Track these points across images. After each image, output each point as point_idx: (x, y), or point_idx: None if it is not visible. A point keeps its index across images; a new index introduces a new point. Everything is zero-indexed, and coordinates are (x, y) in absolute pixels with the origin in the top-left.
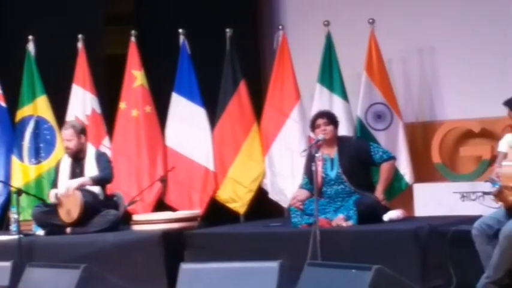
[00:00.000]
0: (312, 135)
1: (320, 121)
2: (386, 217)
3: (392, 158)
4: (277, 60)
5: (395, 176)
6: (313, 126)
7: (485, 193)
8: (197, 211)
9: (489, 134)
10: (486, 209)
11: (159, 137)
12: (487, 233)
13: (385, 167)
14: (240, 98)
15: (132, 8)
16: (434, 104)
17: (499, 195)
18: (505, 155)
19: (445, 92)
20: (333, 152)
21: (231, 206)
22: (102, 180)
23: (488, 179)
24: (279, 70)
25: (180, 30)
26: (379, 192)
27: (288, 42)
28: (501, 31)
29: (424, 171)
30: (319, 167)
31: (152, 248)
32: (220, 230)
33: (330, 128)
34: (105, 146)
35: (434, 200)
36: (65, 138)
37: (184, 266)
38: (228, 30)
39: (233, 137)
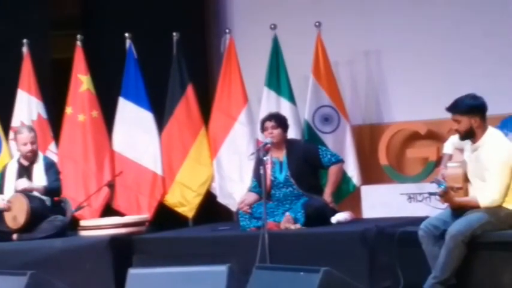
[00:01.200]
0: (260, 138)
1: (268, 124)
2: (334, 219)
3: (340, 161)
4: (224, 64)
5: (343, 178)
6: (262, 128)
7: (431, 194)
8: (145, 216)
9: (435, 136)
10: (433, 210)
11: (106, 141)
12: (434, 233)
13: (333, 170)
14: (188, 102)
15: (78, 12)
16: (381, 107)
17: (444, 196)
18: (450, 157)
19: (392, 95)
20: (281, 155)
21: (180, 210)
22: (52, 192)
23: (434, 180)
24: (227, 74)
25: (127, 34)
26: (327, 195)
27: (235, 46)
28: (445, 34)
29: (372, 173)
30: (268, 169)
31: (100, 253)
32: (169, 234)
33: (277, 131)
34: (52, 152)
35: (381, 202)
36: (27, 141)
37: (133, 271)
38: (175, 34)
39: (181, 141)
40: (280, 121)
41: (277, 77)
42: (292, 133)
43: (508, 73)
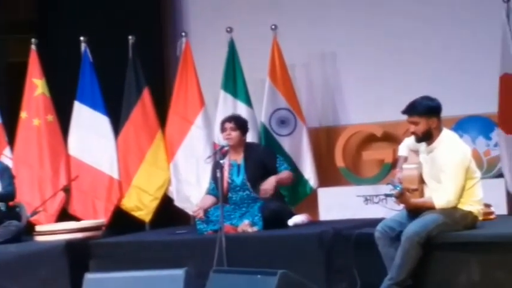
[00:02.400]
0: (217, 141)
1: (227, 125)
2: (291, 222)
3: (290, 171)
4: (180, 68)
5: (300, 180)
6: (222, 128)
7: (387, 196)
8: (102, 220)
9: (391, 138)
10: (389, 211)
11: (61, 146)
12: (390, 235)
13: (286, 172)
14: (144, 106)
15: (33, 16)
16: (337, 109)
17: (400, 197)
18: (406, 159)
19: (348, 97)
20: (239, 158)
21: (136, 214)
22: (6, 197)
23: (389, 182)
24: (183, 77)
25: (82, 38)
26: (272, 179)
27: (191, 49)
28: (400, 37)
29: (328, 176)
30: (225, 172)
31: (56, 258)
32: (126, 238)
33: (235, 133)
34: (7, 156)
35: (338, 204)
36: None
37: (89, 276)
38: (130, 37)
39: (137, 145)
40: (239, 124)
41: (234, 80)
42: (249, 136)
43: (462, 75)
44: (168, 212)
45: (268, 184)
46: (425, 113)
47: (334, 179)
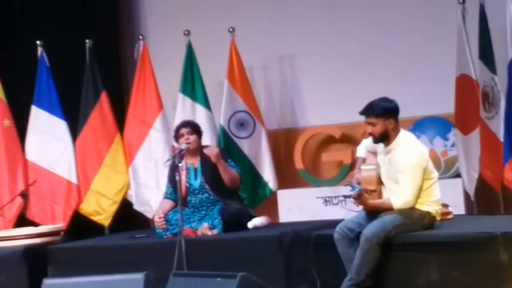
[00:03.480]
0: (176, 144)
1: (183, 130)
2: (250, 224)
3: (240, 175)
4: (138, 71)
5: (260, 183)
6: (177, 135)
7: (345, 197)
8: (60, 225)
9: (349, 139)
10: (348, 212)
11: (19, 150)
12: (349, 236)
13: (235, 172)
14: (102, 110)
15: None
16: (295, 111)
17: (359, 198)
18: (364, 160)
19: (306, 99)
20: (196, 162)
21: (95, 218)
22: None
23: (348, 183)
24: (141, 80)
25: (38, 42)
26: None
27: (149, 52)
28: (358, 38)
29: (288, 178)
30: (183, 176)
31: (14, 264)
32: (85, 243)
33: (193, 137)
34: None
35: (298, 206)
36: None
37: (48, 282)
38: (87, 41)
39: (96, 149)
40: (195, 128)
41: (192, 83)
42: (208, 139)
43: (419, 76)
44: (127, 216)
45: (218, 153)
46: (382, 114)
47: (293, 181)
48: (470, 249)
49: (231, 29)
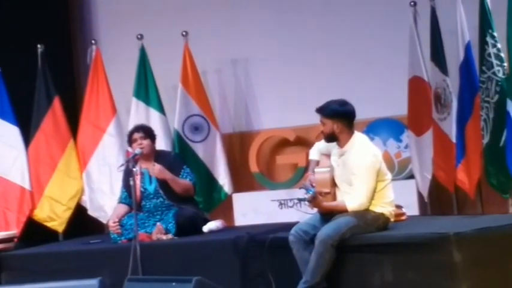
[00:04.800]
0: (130, 149)
1: (136, 135)
2: (206, 228)
3: (193, 184)
4: (91, 75)
5: (215, 186)
6: (130, 140)
7: (300, 199)
8: (13, 232)
9: (304, 142)
10: (303, 215)
11: None
12: (304, 238)
13: (187, 182)
14: (55, 115)
15: None
16: (250, 114)
17: (313, 201)
18: (317, 163)
19: (260, 102)
20: (150, 166)
21: (49, 224)
22: None
23: (302, 186)
24: (94, 85)
25: None
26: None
27: (102, 57)
28: (312, 42)
29: (243, 181)
30: (137, 180)
31: None
32: (38, 250)
33: (146, 141)
34: None
35: (253, 209)
36: None
37: None
38: (39, 46)
39: (49, 155)
40: (148, 132)
41: (146, 87)
42: (163, 143)
43: (372, 78)
44: (81, 221)
45: (160, 170)
46: (331, 116)
47: (248, 184)
48: (424, 249)
49: (184, 33)
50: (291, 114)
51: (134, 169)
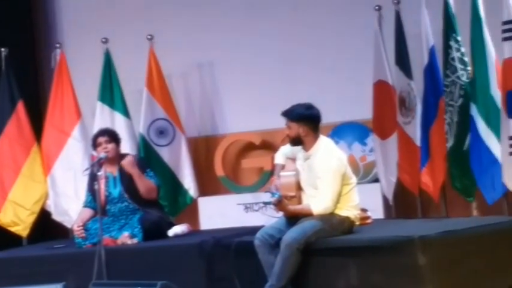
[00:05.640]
0: (94, 153)
1: (101, 139)
2: (171, 232)
3: (157, 186)
4: (55, 79)
5: (180, 190)
6: (95, 144)
7: (265, 203)
8: None
9: (269, 146)
10: (268, 219)
11: None
12: (269, 242)
13: (152, 183)
14: (19, 119)
15: None
16: (215, 118)
17: (278, 205)
18: (283, 166)
19: (226, 106)
20: (115, 170)
21: (13, 229)
22: None
23: (268, 189)
24: (58, 89)
25: None
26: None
27: (67, 60)
28: (277, 45)
29: (208, 185)
30: (102, 185)
31: None
32: (2, 255)
33: (111, 145)
34: None
35: (219, 213)
36: None
37: None
38: (3, 49)
39: (13, 159)
40: (112, 136)
41: (111, 91)
42: (128, 147)
43: (337, 82)
44: (46, 226)
45: (131, 161)
46: (296, 119)
47: (214, 188)
48: (388, 253)
49: (149, 37)
50: (257, 118)
51: (99, 173)
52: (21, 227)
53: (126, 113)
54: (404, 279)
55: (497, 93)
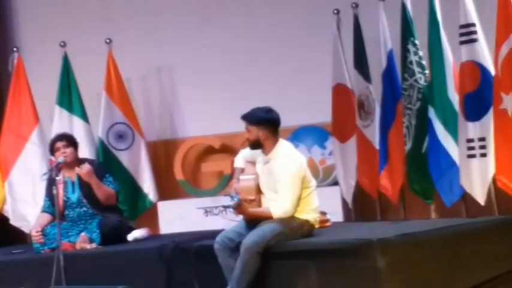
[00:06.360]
0: (53, 158)
1: (59, 144)
2: (130, 237)
3: (116, 192)
4: (13, 83)
5: (139, 195)
6: (53, 149)
7: (225, 207)
8: None
9: (229, 149)
10: (228, 222)
11: None
12: (229, 246)
13: (110, 189)
14: None
15: None
16: (175, 122)
17: (238, 208)
18: (242, 170)
19: (185, 110)
20: (74, 175)
21: None
22: None
23: (227, 193)
24: (16, 93)
25: None
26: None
27: (24, 64)
28: (236, 49)
29: (168, 189)
30: (60, 190)
31: None
32: None
33: (69, 150)
34: None
35: (178, 217)
36: None
37: None
38: None
39: None
40: (70, 140)
41: (69, 95)
42: (87, 151)
43: (296, 86)
44: (3, 231)
45: (89, 171)
46: (255, 123)
47: (174, 192)
48: (348, 255)
49: (107, 40)
50: (216, 121)
51: (57, 178)
52: None
53: (84, 117)
54: (364, 281)
55: (454, 96)
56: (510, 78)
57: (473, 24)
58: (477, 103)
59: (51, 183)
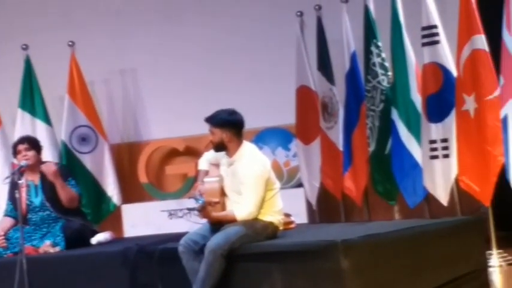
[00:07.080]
0: (15, 161)
1: (21, 147)
2: (94, 240)
3: (79, 195)
4: None
5: (103, 198)
6: (15, 152)
7: (189, 209)
8: None
9: (193, 152)
10: (192, 225)
11: None
12: (193, 248)
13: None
14: None
15: None
16: (138, 125)
17: (202, 211)
18: (207, 172)
19: (149, 112)
20: (37, 179)
21: None
22: None
23: (191, 195)
24: None
25: None
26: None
27: None
28: (200, 52)
29: (132, 192)
30: (23, 193)
31: None
32: None
33: (31, 153)
34: None
35: (143, 220)
36: None
37: None
38: None
39: None
40: (33, 143)
41: (32, 98)
42: (50, 155)
43: (260, 88)
44: None
45: (55, 170)
46: (219, 125)
47: (138, 195)
48: (312, 257)
49: (70, 43)
50: (180, 124)
51: (20, 181)
52: None
53: (47, 120)
54: (328, 283)
55: (417, 98)
56: (472, 80)
57: (435, 26)
58: (439, 104)
59: (13, 186)
